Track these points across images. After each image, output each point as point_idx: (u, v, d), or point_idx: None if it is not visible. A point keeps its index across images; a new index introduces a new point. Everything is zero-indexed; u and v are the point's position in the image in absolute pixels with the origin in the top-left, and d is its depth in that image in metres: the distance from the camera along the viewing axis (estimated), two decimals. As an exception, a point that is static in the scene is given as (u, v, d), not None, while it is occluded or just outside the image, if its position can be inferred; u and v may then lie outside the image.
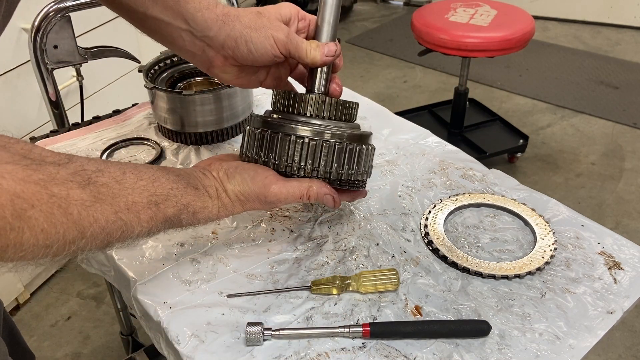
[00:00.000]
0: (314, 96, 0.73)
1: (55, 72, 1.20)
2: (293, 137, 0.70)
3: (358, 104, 0.77)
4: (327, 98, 0.73)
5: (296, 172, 0.72)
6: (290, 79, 0.85)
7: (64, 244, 0.52)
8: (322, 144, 0.71)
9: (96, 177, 0.56)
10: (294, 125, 0.71)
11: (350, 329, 0.70)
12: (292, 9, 0.75)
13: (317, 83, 0.76)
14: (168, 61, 1.14)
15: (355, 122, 0.78)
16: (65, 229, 0.52)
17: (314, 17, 0.76)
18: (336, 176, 0.73)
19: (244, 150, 0.76)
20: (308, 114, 0.73)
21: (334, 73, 0.78)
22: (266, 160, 0.73)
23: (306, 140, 0.70)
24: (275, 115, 0.74)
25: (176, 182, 0.66)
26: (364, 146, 0.74)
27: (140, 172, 0.63)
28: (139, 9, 0.73)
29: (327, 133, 0.71)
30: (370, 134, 0.78)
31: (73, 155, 0.57)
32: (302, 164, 0.71)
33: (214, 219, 0.71)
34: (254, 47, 0.72)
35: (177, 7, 0.72)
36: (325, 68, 0.75)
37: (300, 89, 0.79)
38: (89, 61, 1.24)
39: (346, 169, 0.73)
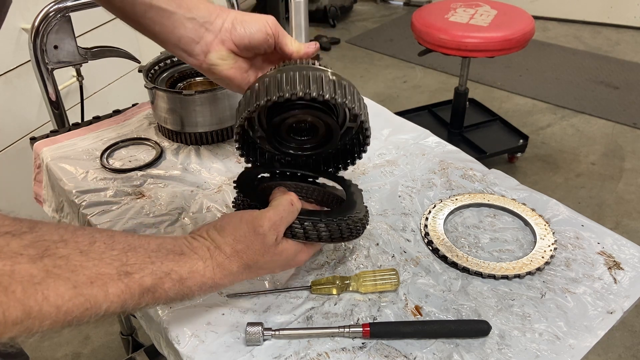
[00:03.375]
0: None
1: (55, 72, 1.20)
2: (305, 71, 0.74)
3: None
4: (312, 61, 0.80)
5: (302, 96, 0.72)
6: None
7: (4, 324, 0.47)
8: (329, 74, 0.75)
9: (55, 249, 0.51)
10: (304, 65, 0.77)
11: (350, 329, 0.70)
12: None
13: None
14: (168, 61, 1.14)
15: None
16: (5, 308, 0.46)
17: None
18: (341, 100, 0.74)
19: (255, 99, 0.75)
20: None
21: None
22: (281, 94, 0.72)
23: (315, 72, 0.74)
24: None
25: (156, 250, 0.60)
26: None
27: (114, 241, 0.57)
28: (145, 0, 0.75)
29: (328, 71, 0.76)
30: None
31: (38, 223, 0.52)
32: (311, 88, 0.72)
33: (210, 285, 0.64)
34: (248, 27, 0.76)
35: None
36: None
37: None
38: (89, 61, 1.24)
39: (349, 99, 0.74)
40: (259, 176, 0.83)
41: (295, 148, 0.85)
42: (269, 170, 0.85)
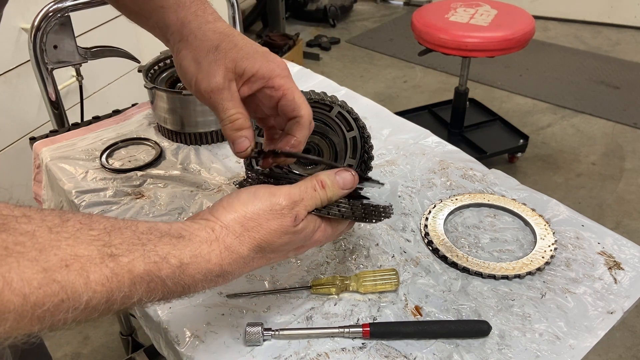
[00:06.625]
0: None
1: (55, 72, 1.20)
2: None
3: None
4: None
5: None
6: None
7: None
8: None
9: (17, 223, 0.40)
10: None
11: (350, 329, 0.70)
12: (263, 70, 0.64)
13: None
14: (168, 61, 1.14)
15: None
16: None
17: (292, 89, 0.65)
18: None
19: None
20: None
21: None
22: None
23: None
24: None
25: (147, 232, 0.49)
26: None
27: (92, 221, 0.45)
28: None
29: None
30: None
31: None
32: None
33: (217, 273, 0.53)
34: (182, 70, 0.67)
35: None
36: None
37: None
38: (88, 61, 1.24)
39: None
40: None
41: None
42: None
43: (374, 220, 0.67)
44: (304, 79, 1.34)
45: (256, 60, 0.64)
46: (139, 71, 1.11)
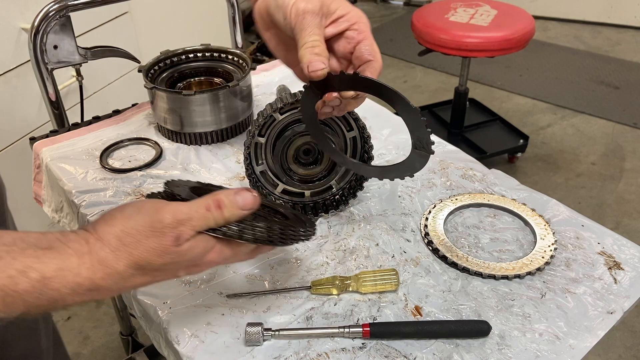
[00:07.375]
0: None
1: (55, 72, 1.19)
2: None
3: None
4: None
5: None
6: None
7: None
8: None
9: None
10: None
11: (350, 329, 0.70)
12: (353, 13, 0.69)
13: None
14: (168, 61, 1.14)
15: None
16: None
17: (371, 36, 0.70)
18: None
19: None
20: None
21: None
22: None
23: None
24: None
25: (9, 244, 0.47)
26: None
27: None
28: None
29: None
30: None
31: None
32: None
33: (88, 287, 0.50)
34: None
35: None
36: None
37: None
38: (88, 61, 1.24)
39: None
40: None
41: (299, 183, 0.89)
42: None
43: (279, 244, 0.62)
44: (304, 79, 1.34)
45: (346, 4, 0.67)
46: (139, 71, 1.11)
